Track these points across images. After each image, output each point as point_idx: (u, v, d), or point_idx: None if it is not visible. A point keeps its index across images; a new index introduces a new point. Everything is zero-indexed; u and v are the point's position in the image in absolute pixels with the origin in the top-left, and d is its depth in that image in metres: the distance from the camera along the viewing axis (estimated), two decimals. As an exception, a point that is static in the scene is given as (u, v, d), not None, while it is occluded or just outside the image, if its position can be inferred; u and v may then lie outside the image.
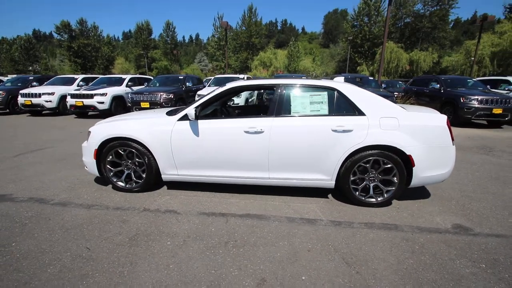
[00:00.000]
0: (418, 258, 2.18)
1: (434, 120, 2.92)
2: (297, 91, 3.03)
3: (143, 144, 3.10)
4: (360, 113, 2.90)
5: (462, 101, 8.57)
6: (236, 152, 3.00)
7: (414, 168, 2.87)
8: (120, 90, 10.53)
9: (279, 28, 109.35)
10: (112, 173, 3.31)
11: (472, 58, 24.28)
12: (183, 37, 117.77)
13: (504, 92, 9.38)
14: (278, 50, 47.24)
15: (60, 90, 10.75)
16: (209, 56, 55.87)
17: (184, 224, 2.62)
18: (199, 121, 3.02)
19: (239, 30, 49.16)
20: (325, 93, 2.99)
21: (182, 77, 10.69)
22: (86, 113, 10.60)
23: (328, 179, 3.00)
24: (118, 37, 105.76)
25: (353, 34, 44.02)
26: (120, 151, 3.21)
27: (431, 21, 42.53)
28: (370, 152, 2.86)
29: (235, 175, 3.10)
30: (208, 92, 9.52)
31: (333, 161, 2.91)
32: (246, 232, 2.49)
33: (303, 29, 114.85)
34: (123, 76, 11.43)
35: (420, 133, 2.85)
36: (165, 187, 3.52)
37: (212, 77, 12.41)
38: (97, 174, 3.33)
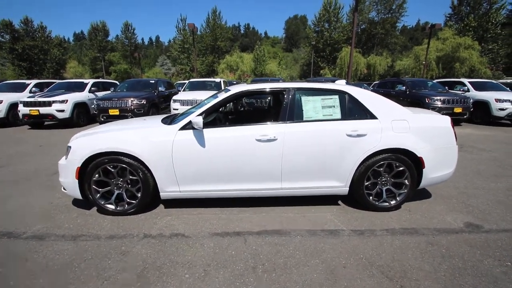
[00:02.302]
0: (450, 262, 2.15)
1: (440, 121, 2.98)
2: (308, 95, 2.88)
3: (138, 158, 2.69)
4: (372, 116, 2.84)
5: (427, 101, 9.24)
6: (247, 162, 2.75)
7: (424, 170, 2.89)
8: (83, 96, 9.51)
9: (242, 32, 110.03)
10: (99, 195, 2.83)
11: (424, 62, 26.69)
12: (142, 39, 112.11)
13: (460, 92, 10.35)
14: (244, 54, 47.37)
15: (9, 97, 9.37)
16: (172, 59, 54.02)
17: (198, 249, 2.30)
18: (204, 130, 2.71)
19: (203, 33, 48.33)
20: (336, 96, 2.88)
21: (153, 81, 10.01)
22: (42, 123, 9.38)
23: (342, 186, 2.89)
24: (68, 39, 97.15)
25: (315, 39, 45.96)
26: (109, 168, 2.75)
27: (384, 27, 46.11)
28: (384, 155, 2.81)
29: (245, 188, 2.85)
30: (186, 97, 9.16)
31: (347, 167, 2.81)
32: (271, 252, 2.25)
33: (265, 33, 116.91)
34: (85, 81, 10.37)
35: (429, 134, 2.88)
36: (161, 206, 3.12)
37: (186, 81, 11.83)
38: (79, 196, 2.83)
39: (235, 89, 2.89)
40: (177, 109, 8.58)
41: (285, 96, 2.86)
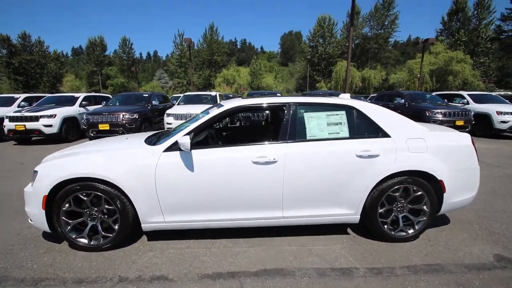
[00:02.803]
0: (491, 313, 1.75)
1: (460, 139, 2.66)
2: (311, 111, 2.55)
3: (115, 185, 2.30)
4: (385, 134, 2.51)
5: (427, 114, 9.03)
6: (243, 188, 2.38)
7: (444, 194, 2.55)
8: (72, 110, 9.15)
9: (239, 47, 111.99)
10: (69, 227, 2.42)
11: (418, 75, 27.01)
12: (140, 53, 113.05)
13: (460, 105, 10.20)
14: (241, 68, 47.81)
15: (-6, 112, 8.97)
16: (170, 73, 54.31)
17: (183, 298, 1.88)
18: (193, 151, 2.35)
19: (200, 47, 48.91)
20: (343, 112, 2.56)
21: (147, 95, 9.71)
22: (29, 138, 8.94)
23: (352, 213, 2.52)
24: (67, 53, 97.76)
25: (311, 54, 46.70)
26: (81, 197, 2.36)
27: (377, 42, 47.09)
28: (399, 179, 2.47)
29: (241, 217, 2.46)
30: (180, 111, 8.83)
31: (358, 192, 2.45)
32: (272, 302, 1.84)
33: (261, 48, 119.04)
34: (76, 95, 10.05)
35: (449, 154, 2.55)
36: (144, 238, 2.70)
37: (181, 95, 11.56)
38: (46, 229, 2.41)
39: (228, 105, 2.56)
40: (170, 124, 8.24)
41: (285, 112, 2.53)
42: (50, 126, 8.31)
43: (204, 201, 2.39)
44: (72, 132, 8.97)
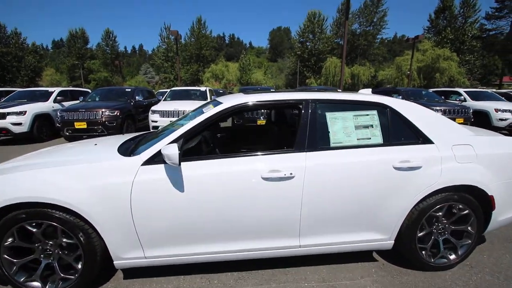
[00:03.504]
0: None
1: (508, 145, 2.19)
2: (335, 111, 2.01)
3: (75, 212, 1.69)
4: (426, 140, 2.00)
5: (427, 112, 8.71)
6: (250, 211, 1.82)
7: (493, 212, 2.08)
8: (46, 106, 8.25)
9: (227, 42, 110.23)
10: (15, 268, 1.78)
11: (408, 72, 27.17)
12: (125, 47, 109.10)
13: (457, 102, 9.98)
14: (230, 63, 46.91)
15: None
16: (156, 68, 52.64)
17: None
18: (183, 165, 1.76)
19: (188, 41, 47.54)
20: (374, 112, 2.03)
21: (129, 90, 8.91)
22: (-5, 138, 7.99)
23: (385, 239, 2.02)
24: (47, 46, 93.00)
25: (300, 50, 46.33)
26: (29, 228, 1.73)
27: (366, 39, 47.21)
28: (444, 195, 1.98)
29: (246, 248, 1.91)
30: (167, 108, 8.04)
31: (394, 213, 1.94)
32: None
33: (250, 43, 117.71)
34: (50, 89, 9.12)
35: (499, 164, 2.08)
36: (119, 275, 2.09)
37: (168, 90, 10.79)
38: (-18, 270, 1.77)
39: (229, 102, 1.97)
40: (156, 121, 7.53)
41: (303, 111, 1.97)
42: (20, 124, 7.41)
43: (198, 230, 1.82)
44: (45, 130, 8.09)
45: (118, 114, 7.35)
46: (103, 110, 7.24)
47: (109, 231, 1.73)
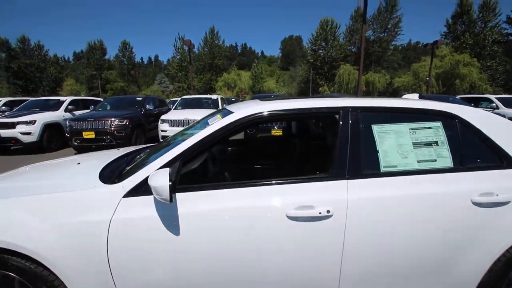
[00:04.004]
0: None
1: None
2: (384, 122, 1.49)
3: (35, 259, 1.24)
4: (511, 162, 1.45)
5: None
6: (271, 264, 1.32)
7: None
8: (56, 116, 8.13)
9: (239, 51, 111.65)
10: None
11: (427, 78, 26.21)
12: (142, 58, 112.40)
13: (488, 109, 9.17)
14: (242, 72, 47.12)
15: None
16: (170, 78, 53.66)
17: None
18: (179, 197, 1.29)
19: (201, 51, 48.32)
20: (438, 124, 1.50)
21: (140, 99, 8.69)
22: (8, 147, 7.88)
23: (455, 298, 1.45)
24: (68, 58, 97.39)
25: (313, 57, 45.98)
26: (-24, 279, 1.30)
27: (381, 45, 46.30)
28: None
29: (264, 310, 1.39)
30: (176, 117, 7.69)
31: (472, 266, 1.39)
32: None
33: (262, 52, 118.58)
34: (62, 98, 9.06)
35: None
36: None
37: (179, 98, 10.56)
38: None
39: (242, 111, 1.50)
40: (165, 131, 7.21)
41: (341, 124, 1.47)
42: (29, 133, 7.28)
43: (199, 286, 1.33)
44: (55, 140, 7.94)
45: (127, 123, 7.08)
46: (112, 119, 6.99)
47: (79, 284, 1.27)
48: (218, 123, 1.46)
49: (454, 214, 1.35)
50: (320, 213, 1.28)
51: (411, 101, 1.62)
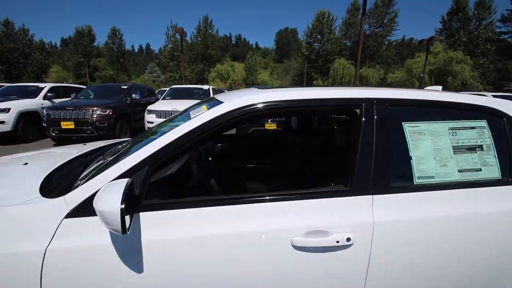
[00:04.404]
0: None
1: None
2: (418, 120, 1.15)
3: None
4: None
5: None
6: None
7: None
8: (34, 103, 7.54)
9: (233, 42, 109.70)
10: None
11: (421, 75, 26.24)
12: (132, 46, 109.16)
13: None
14: (236, 63, 46.27)
15: None
16: (162, 67, 52.29)
17: None
18: (143, 218, 0.93)
19: (194, 41, 47.10)
20: (483, 123, 1.18)
21: (126, 87, 8.14)
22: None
23: None
24: (55, 44, 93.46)
25: (308, 50, 45.48)
26: None
27: (376, 40, 46.10)
28: None
29: None
30: (164, 107, 7.25)
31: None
32: None
33: (256, 44, 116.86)
34: (41, 85, 8.42)
35: None
36: None
37: (168, 88, 10.04)
38: None
39: (234, 101, 1.13)
40: (152, 122, 6.77)
41: (364, 120, 1.12)
42: (2, 122, 6.71)
43: None
44: (32, 130, 7.38)
45: (110, 113, 6.59)
46: (94, 108, 6.49)
47: None
48: (201, 116, 1.09)
49: (503, 241, 1.04)
50: (337, 242, 0.94)
51: (447, 93, 1.29)
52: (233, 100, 1.13)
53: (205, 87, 9.06)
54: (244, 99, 1.12)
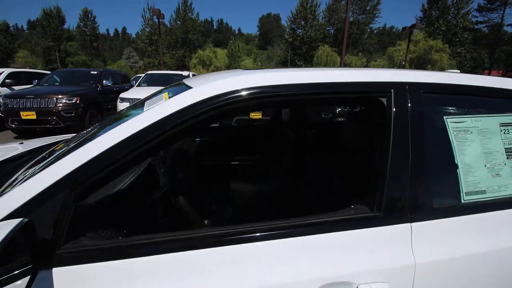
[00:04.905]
0: None
1: None
2: (463, 113, 0.84)
3: None
4: None
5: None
6: None
7: None
8: (-11, 91, 6.70)
9: (215, 27, 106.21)
10: None
11: (403, 63, 26.60)
12: (107, 30, 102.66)
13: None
14: (218, 49, 44.87)
15: None
16: (140, 52, 49.73)
17: None
18: (59, 274, 0.57)
19: (173, 25, 44.94)
20: (541, 116, 0.89)
21: (96, 72, 7.40)
22: None
23: None
24: (22, 27, 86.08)
25: (292, 36, 44.89)
26: None
27: (359, 28, 46.15)
28: None
29: None
30: (138, 95, 6.59)
31: None
32: None
33: (239, 30, 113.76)
34: (-3, 70, 7.50)
35: None
36: None
37: (143, 74, 9.32)
38: None
39: (210, 85, 0.76)
40: (126, 112, 6.17)
41: (395, 111, 0.79)
42: (-50, 113, 5.90)
43: None
44: (-13, 121, 6.57)
45: (77, 101, 5.94)
46: (58, 96, 5.81)
47: None
48: (157, 110, 0.72)
49: None
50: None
51: (490, 77, 0.98)
52: (206, 85, 0.76)
53: (185, 73, 8.48)
54: (222, 84, 0.76)
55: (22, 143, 1.57)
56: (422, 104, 0.80)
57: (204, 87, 0.76)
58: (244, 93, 0.75)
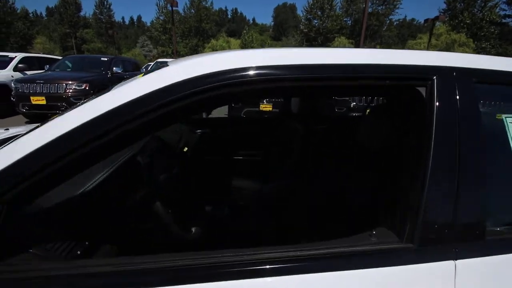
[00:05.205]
0: None
1: None
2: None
3: None
4: None
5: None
6: None
7: None
8: (3, 76, 6.78)
9: (229, 16, 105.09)
10: None
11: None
12: (123, 18, 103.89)
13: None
14: (231, 39, 44.47)
15: None
16: (154, 41, 49.95)
17: None
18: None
19: (187, 13, 44.73)
20: None
21: (106, 59, 7.35)
22: None
23: None
24: (41, 13, 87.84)
25: (307, 27, 43.79)
26: None
27: (378, 19, 44.45)
28: None
29: None
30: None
31: None
32: None
33: (253, 20, 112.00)
34: (12, 55, 7.56)
35: None
36: None
37: (153, 63, 9.23)
38: None
39: (192, 62, 0.58)
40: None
41: (438, 106, 0.59)
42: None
43: None
44: (0, 105, 6.67)
45: (87, 88, 5.92)
46: (68, 82, 5.79)
47: None
48: (124, 90, 0.55)
49: None
50: None
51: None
52: (188, 61, 0.59)
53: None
54: (208, 62, 0.58)
55: (7, 129, 1.45)
56: (474, 97, 0.60)
57: (182, 63, 0.58)
58: (245, 73, 0.56)
